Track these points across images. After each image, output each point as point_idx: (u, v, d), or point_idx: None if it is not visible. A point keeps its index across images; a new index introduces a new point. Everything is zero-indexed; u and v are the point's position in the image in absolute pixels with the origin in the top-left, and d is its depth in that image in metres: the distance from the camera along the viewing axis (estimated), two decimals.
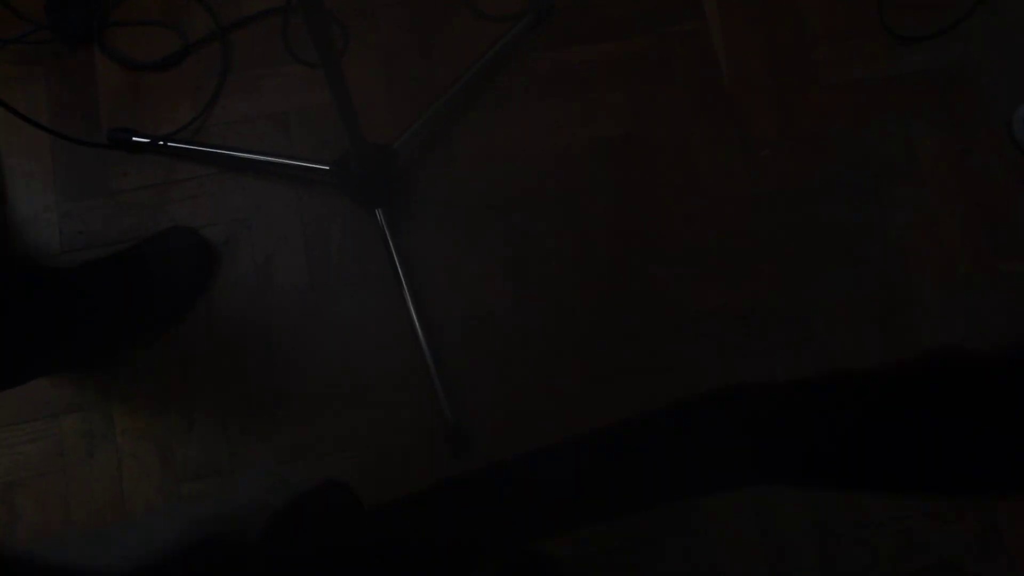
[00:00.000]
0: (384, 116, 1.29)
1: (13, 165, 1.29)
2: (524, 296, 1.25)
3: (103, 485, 1.20)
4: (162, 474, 1.20)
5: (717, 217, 1.29)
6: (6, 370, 0.97)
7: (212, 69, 1.32)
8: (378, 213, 1.22)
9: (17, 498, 1.19)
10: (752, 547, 1.19)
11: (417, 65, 1.33)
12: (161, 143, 1.26)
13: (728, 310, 1.26)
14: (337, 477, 0.89)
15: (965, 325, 1.27)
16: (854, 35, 1.35)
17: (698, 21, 1.35)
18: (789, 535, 1.19)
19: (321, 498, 0.74)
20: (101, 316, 1.13)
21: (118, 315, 1.16)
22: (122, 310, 1.16)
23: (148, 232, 1.24)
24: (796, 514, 1.19)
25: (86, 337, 1.13)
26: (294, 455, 1.21)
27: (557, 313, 1.25)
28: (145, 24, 1.32)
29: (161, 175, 1.28)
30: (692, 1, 1.35)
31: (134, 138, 1.26)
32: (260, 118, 1.31)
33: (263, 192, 1.28)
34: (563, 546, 1.18)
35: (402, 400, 1.22)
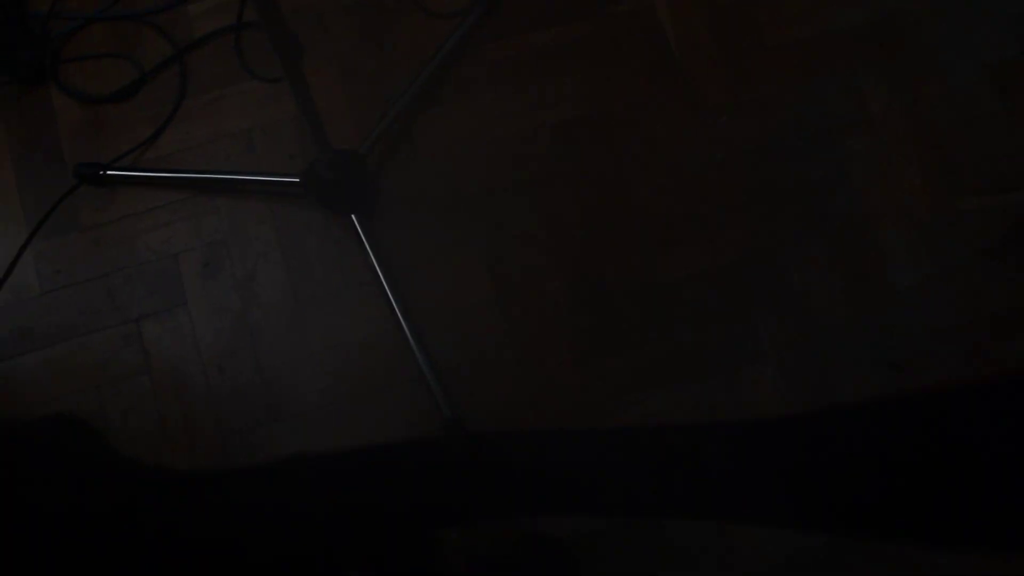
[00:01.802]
0: (347, 122, 1.31)
1: None
2: (502, 284, 1.28)
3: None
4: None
5: (681, 186, 1.32)
6: None
7: (170, 95, 1.32)
8: (353, 218, 1.23)
9: None
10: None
11: (373, 69, 1.34)
12: (128, 172, 1.27)
13: (702, 276, 1.29)
14: None
15: (931, 264, 1.31)
16: None
17: None
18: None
19: None
20: None
21: None
22: None
23: (127, 263, 1.25)
24: (768, 549, 1.17)
25: None
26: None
27: (536, 298, 1.28)
28: (98, 57, 1.32)
29: (133, 205, 1.29)
30: None
31: (100, 171, 1.26)
32: (224, 137, 1.32)
33: (237, 211, 1.29)
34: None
35: (398, 400, 1.24)
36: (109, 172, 1.27)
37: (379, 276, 1.23)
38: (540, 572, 0.76)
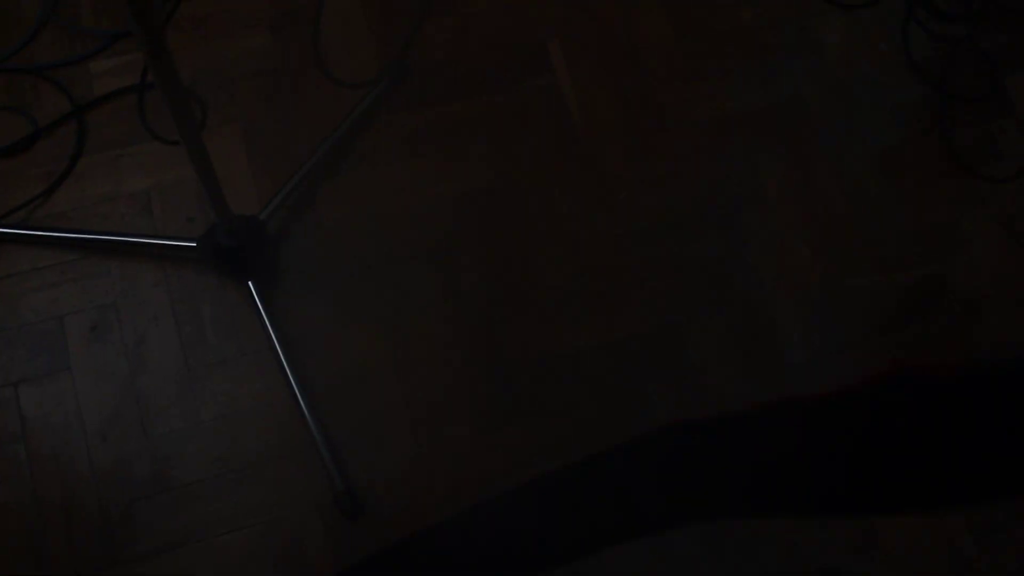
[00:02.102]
0: (247, 187, 1.29)
1: None
2: (402, 354, 1.27)
3: None
4: None
5: (583, 258, 1.34)
6: None
7: (65, 152, 1.29)
8: (250, 285, 1.21)
9: None
10: (642, 555, 1.22)
11: (277, 135, 1.34)
12: (16, 231, 1.22)
13: (602, 349, 1.31)
14: None
15: (821, 340, 1.36)
16: (695, 78, 1.44)
17: (548, 75, 1.41)
18: (680, 548, 1.22)
19: None
20: None
21: None
22: None
23: (6, 324, 1.20)
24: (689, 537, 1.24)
25: None
26: (179, 540, 1.17)
27: (436, 368, 1.27)
28: None
29: (19, 264, 1.24)
30: (540, 57, 1.42)
31: None
32: (121, 198, 1.29)
33: (129, 274, 1.26)
34: None
35: (290, 472, 1.20)
36: None
37: (275, 344, 1.20)
38: None
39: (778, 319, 1.36)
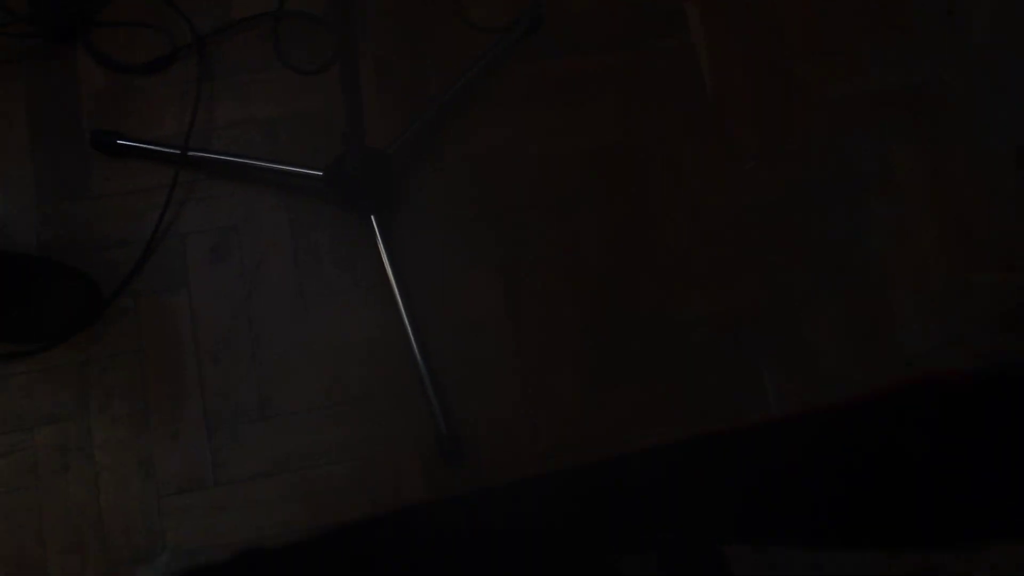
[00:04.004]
0: (375, 124, 1.28)
1: None
2: (516, 305, 1.25)
3: (79, 501, 1.15)
4: (143, 488, 1.16)
5: (704, 227, 1.31)
6: None
7: (198, 74, 1.30)
8: (372, 220, 1.21)
9: None
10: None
11: (407, 73, 1.33)
12: (145, 145, 1.23)
13: (716, 319, 1.28)
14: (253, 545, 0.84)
15: (940, 334, 1.31)
16: (834, 53, 1.40)
17: (683, 36, 1.38)
18: None
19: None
20: None
21: None
22: None
23: (133, 237, 1.21)
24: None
25: None
26: (279, 467, 1.18)
27: (549, 322, 1.25)
28: (131, 26, 1.29)
29: (145, 180, 1.25)
30: (677, 18, 1.38)
31: (118, 141, 1.23)
32: (248, 124, 1.29)
33: (252, 199, 1.26)
34: None
35: (394, 409, 1.20)
36: (126, 143, 1.23)
37: (390, 280, 1.20)
38: None
39: (896, 308, 1.32)
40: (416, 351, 1.19)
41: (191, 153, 1.23)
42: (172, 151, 1.23)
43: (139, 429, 1.17)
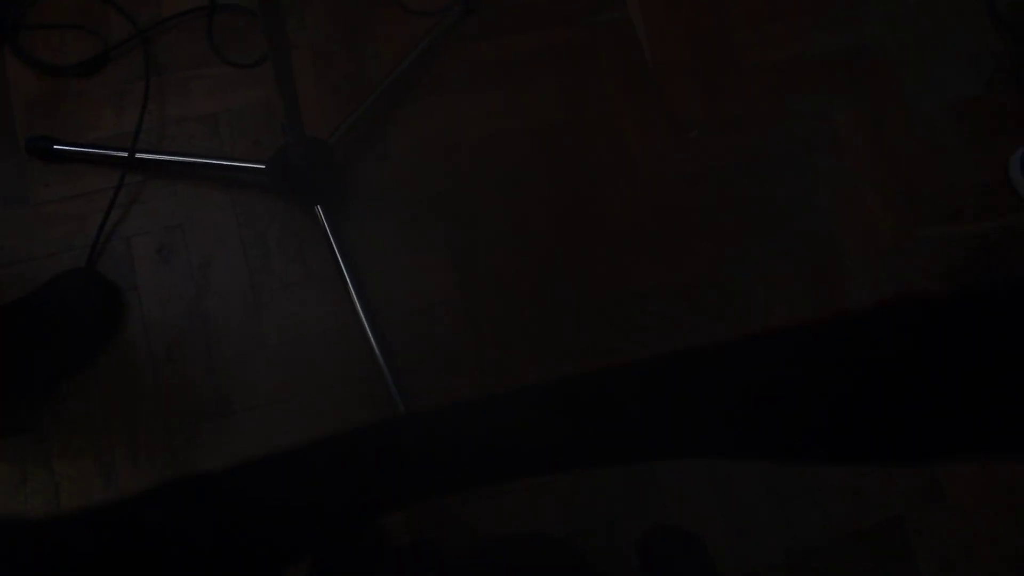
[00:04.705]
0: (314, 114, 1.28)
1: None
2: (468, 284, 1.25)
3: (39, 512, 1.14)
4: (104, 496, 1.15)
5: (652, 196, 1.32)
6: None
7: (134, 74, 1.28)
8: (317, 209, 1.20)
9: None
10: (709, 512, 1.21)
11: (346, 62, 1.32)
12: (83, 149, 1.21)
13: (669, 286, 1.29)
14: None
15: (889, 286, 1.33)
16: (770, 19, 1.41)
17: (621, 9, 1.38)
18: (746, 500, 1.22)
19: None
20: None
21: (11, 367, 1.10)
22: (15, 363, 1.10)
23: (76, 243, 1.19)
24: (751, 480, 1.22)
25: None
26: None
27: (502, 300, 1.26)
28: (62, 27, 1.27)
29: (85, 184, 1.23)
30: None
31: (55, 146, 1.21)
32: (188, 121, 1.28)
33: (196, 196, 1.25)
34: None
35: (353, 398, 1.20)
36: (63, 148, 1.22)
37: (341, 269, 1.19)
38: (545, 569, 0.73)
39: (847, 265, 1.34)
40: (371, 337, 1.18)
41: (130, 155, 1.21)
42: (118, 154, 1.21)
43: (97, 435, 1.16)
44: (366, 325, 1.18)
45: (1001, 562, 1.24)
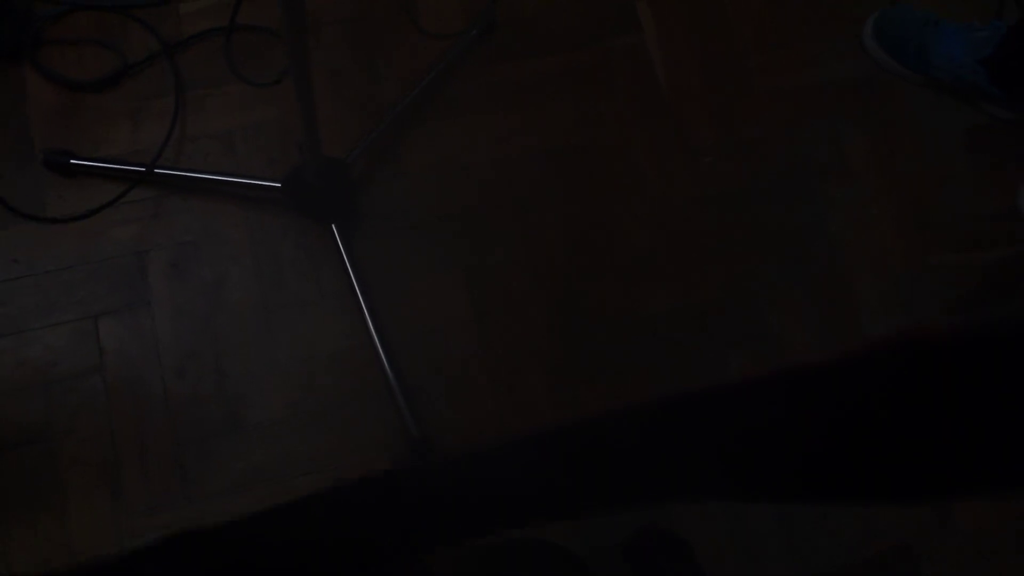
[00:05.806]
0: (332, 133, 1.28)
1: None
2: (480, 306, 1.26)
3: (48, 526, 1.13)
4: (113, 510, 1.15)
5: (664, 221, 1.32)
6: None
7: (151, 90, 1.29)
8: (332, 227, 1.21)
9: None
10: (720, 539, 1.21)
11: (361, 82, 1.33)
12: (100, 164, 1.22)
13: (681, 312, 1.29)
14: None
15: (901, 314, 1.33)
16: (783, 45, 1.42)
17: (636, 34, 1.39)
18: (755, 525, 1.22)
19: None
20: None
21: None
22: None
23: (91, 257, 1.20)
24: (762, 507, 1.22)
25: None
26: (250, 481, 1.17)
27: (514, 321, 1.26)
28: (81, 43, 1.28)
29: (102, 199, 1.24)
30: (629, 15, 1.40)
31: (72, 160, 1.21)
32: (204, 138, 1.28)
33: (210, 213, 1.25)
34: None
35: (364, 417, 1.20)
36: (79, 162, 1.22)
37: (354, 288, 1.20)
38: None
39: (857, 291, 1.34)
40: (383, 357, 1.18)
41: (146, 170, 1.22)
42: (136, 169, 1.22)
43: (106, 449, 1.16)
44: (378, 344, 1.18)
45: None
